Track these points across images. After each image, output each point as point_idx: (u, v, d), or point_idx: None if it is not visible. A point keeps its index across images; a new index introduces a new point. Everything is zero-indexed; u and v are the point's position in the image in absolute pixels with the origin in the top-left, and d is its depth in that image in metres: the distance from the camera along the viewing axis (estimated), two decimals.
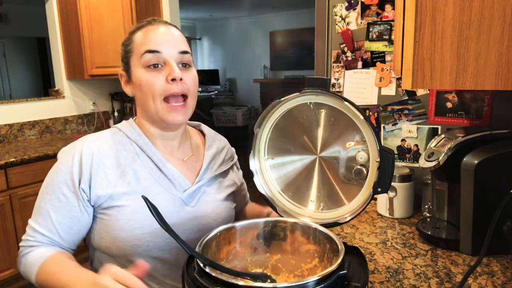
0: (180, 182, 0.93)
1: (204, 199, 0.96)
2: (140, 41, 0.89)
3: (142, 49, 0.88)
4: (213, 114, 7.05)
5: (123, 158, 0.90)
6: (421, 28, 0.74)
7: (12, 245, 2.59)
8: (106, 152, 0.89)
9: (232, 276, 0.64)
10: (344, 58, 1.60)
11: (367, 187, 0.81)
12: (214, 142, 1.08)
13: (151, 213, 0.65)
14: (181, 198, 0.92)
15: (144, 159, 0.92)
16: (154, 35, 0.89)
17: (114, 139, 0.93)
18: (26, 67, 7.32)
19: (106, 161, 0.88)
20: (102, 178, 0.87)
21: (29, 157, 2.60)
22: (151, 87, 0.87)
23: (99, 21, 3.16)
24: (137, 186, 0.88)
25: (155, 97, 0.87)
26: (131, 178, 0.88)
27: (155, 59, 0.87)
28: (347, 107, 0.79)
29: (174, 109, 0.89)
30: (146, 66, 0.88)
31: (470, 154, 1.05)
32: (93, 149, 0.88)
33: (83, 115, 3.61)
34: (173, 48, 0.89)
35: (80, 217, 0.88)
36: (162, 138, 0.96)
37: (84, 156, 0.87)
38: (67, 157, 0.88)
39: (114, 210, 0.86)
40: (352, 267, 0.68)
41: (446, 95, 1.39)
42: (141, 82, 0.88)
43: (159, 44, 0.88)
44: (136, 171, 0.89)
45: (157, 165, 0.92)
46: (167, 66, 0.88)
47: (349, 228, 1.28)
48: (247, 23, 7.98)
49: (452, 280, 0.95)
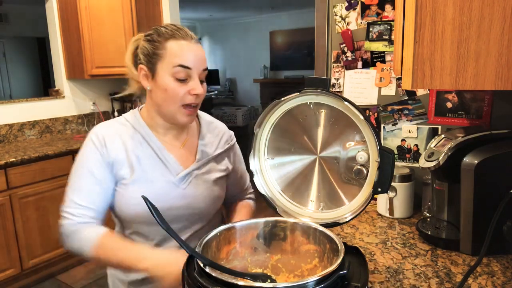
0: (174, 167, 1.06)
1: (195, 182, 1.08)
2: (174, 52, 0.98)
3: (175, 61, 0.98)
4: (213, 114, 7.04)
5: (129, 144, 1.05)
6: (421, 28, 0.74)
7: (12, 245, 2.59)
8: (115, 138, 1.04)
9: (232, 276, 0.64)
10: (344, 58, 1.59)
11: (367, 187, 0.81)
12: (208, 130, 1.17)
13: (151, 213, 0.65)
14: (173, 181, 1.05)
15: (145, 147, 1.06)
16: (188, 52, 0.99)
17: (122, 129, 1.07)
18: (26, 67, 7.32)
19: (116, 144, 1.04)
20: (114, 158, 1.02)
21: (29, 157, 2.60)
22: (175, 95, 0.99)
23: (99, 21, 3.16)
24: (138, 169, 1.03)
25: (175, 103, 1.00)
26: (134, 162, 1.03)
27: (185, 74, 0.99)
28: (347, 107, 0.79)
29: (189, 113, 1.02)
30: (175, 77, 0.98)
31: (470, 154, 1.05)
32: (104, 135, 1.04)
33: (83, 115, 3.61)
34: (201, 66, 1.01)
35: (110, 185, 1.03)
36: (164, 128, 1.08)
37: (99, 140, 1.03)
38: (88, 142, 1.04)
39: (121, 187, 1.03)
40: (352, 267, 0.68)
41: (446, 95, 1.39)
42: (167, 88, 0.99)
43: (191, 61, 0.99)
44: (138, 156, 1.04)
45: (156, 152, 1.06)
46: (192, 80, 1.00)
47: (349, 228, 1.28)
48: (247, 23, 7.98)
49: (452, 280, 0.95)
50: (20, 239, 2.63)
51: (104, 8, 3.14)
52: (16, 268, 2.63)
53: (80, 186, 1.01)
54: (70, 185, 1.03)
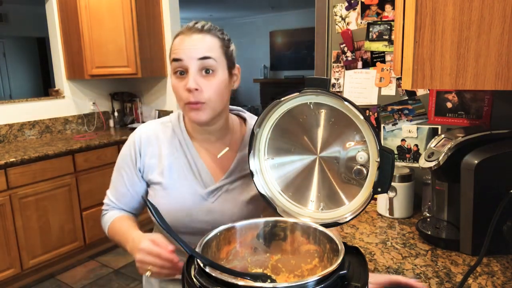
0: (205, 179, 1.02)
1: (224, 198, 1.02)
2: (172, 48, 0.96)
3: (172, 57, 0.95)
4: None
5: (165, 149, 1.03)
6: (421, 28, 0.74)
7: (12, 245, 2.59)
8: (153, 142, 1.04)
9: (232, 276, 0.64)
10: (344, 58, 1.59)
11: (367, 187, 0.81)
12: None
13: (151, 213, 0.65)
14: (201, 194, 1.01)
15: (180, 154, 1.03)
16: (179, 43, 0.94)
17: (162, 131, 1.06)
18: (26, 67, 7.32)
19: (150, 149, 1.04)
20: (146, 163, 1.03)
21: (29, 157, 2.60)
22: (177, 93, 0.96)
23: (99, 21, 3.16)
24: (168, 177, 1.02)
25: (180, 101, 0.97)
26: (165, 169, 1.02)
27: (179, 66, 0.93)
28: (347, 107, 0.79)
29: (192, 110, 0.95)
30: (174, 73, 0.95)
31: (470, 154, 1.05)
32: (143, 138, 1.04)
33: (83, 115, 3.61)
34: (194, 55, 0.92)
35: (139, 189, 1.06)
36: (199, 132, 1.04)
37: (137, 142, 1.04)
38: (128, 142, 1.06)
39: (152, 190, 1.04)
40: (352, 267, 0.68)
41: (446, 95, 1.39)
42: (172, 87, 0.97)
43: (181, 52, 0.92)
44: (171, 164, 1.02)
45: (189, 161, 1.02)
46: (188, 74, 0.93)
47: (349, 228, 1.28)
48: (247, 23, 7.98)
49: (452, 280, 0.95)
50: (20, 239, 2.63)
51: (104, 8, 3.15)
52: (16, 268, 2.63)
53: (113, 182, 1.09)
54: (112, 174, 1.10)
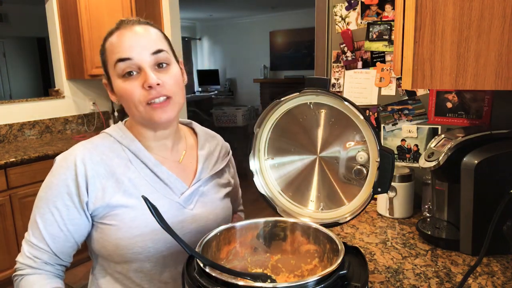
0: (177, 186, 0.92)
1: (202, 201, 0.96)
2: (111, 49, 0.86)
3: (114, 58, 0.85)
4: (213, 114, 7.04)
5: (117, 166, 0.88)
6: (421, 28, 0.74)
7: (12, 245, 2.59)
8: (98, 161, 0.87)
9: (232, 276, 0.64)
10: (344, 58, 1.59)
11: (367, 187, 0.81)
12: (206, 140, 1.05)
13: (151, 213, 0.65)
14: (178, 202, 0.91)
15: (138, 165, 0.90)
16: (123, 41, 0.84)
17: (105, 146, 0.90)
18: (26, 67, 7.32)
19: (99, 170, 0.86)
20: (98, 188, 0.85)
21: (29, 157, 2.60)
22: (131, 97, 0.85)
23: (99, 21, 3.16)
24: (134, 195, 0.87)
25: (136, 105, 0.85)
26: (127, 186, 0.87)
27: (129, 67, 0.84)
28: (347, 107, 0.79)
29: (157, 108, 0.85)
30: (121, 76, 0.85)
31: (470, 154, 1.05)
32: (86, 159, 0.86)
33: (83, 115, 3.61)
34: (144, 50, 0.84)
35: (77, 229, 0.87)
36: (155, 139, 0.93)
37: (78, 167, 0.85)
38: (60, 170, 0.86)
39: (114, 219, 0.86)
40: (352, 267, 0.68)
41: (446, 95, 1.39)
42: (121, 93, 0.86)
43: (129, 49, 0.83)
44: (131, 178, 0.88)
45: (152, 170, 0.90)
46: (142, 72, 0.84)
47: (349, 228, 1.28)
48: (247, 23, 7.98)
49: (452, 280, 0.95)
50: (20, 239, 2.62)
51: (104, 8, 3.14)
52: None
53: (38, 221, 0.85)
54: (34, 212, 0.87)
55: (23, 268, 0.86)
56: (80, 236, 0.89)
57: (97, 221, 0.88)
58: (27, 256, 0.86)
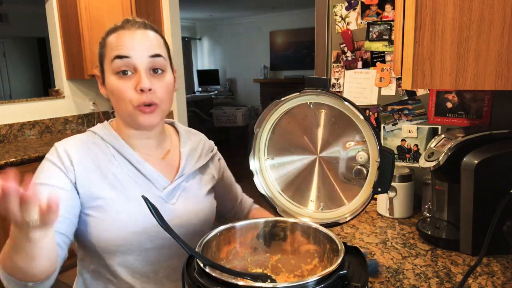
0: (159, 181, 0.93)
1: (185, 196, 0.97)
2: (112, 45, 0.87)
3: (112, 54, 0.86)
4: (213, 114, 7.05)
5: (101, 161, 0.90)
6: (421, 28, 0.74)
7: None
8: (83, 153, 0.89)
9: (232, 276, 0.64)
10: (344, 58, 1.59)
11: (367, 187, 0.81)
12: (188, 138, 1.07)
13: (151, 213, 0.64)
14: (160, 196, 0.93)
15: (121, 161, 0.92)
16: (125, 39, 0.86)
17: (90, 142, 0.92)
18: (26, 67, 7.32)
19: (85, 161, 0.88)
20: (84, 177, 0.87)
21: (29, 157, 2.60)
22: (122, 96, 0.86)
23: (99, 21, 3.16)
24: (118, 188, 0.89)
25: (126, 105, 0.87)
26: (111, 180, 0.89)
27: (124, 65, 0.85)
28: (347, 107, 0.79)
29: (145, 113, 0.87)
30: (116, 73, 0.86)
31: (470, 154, 1.05)
32: (71, 149, 0.88)
33: (83, 115, 3.61)
34: (143, 52, 0.86)
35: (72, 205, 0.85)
36: (138, 138, 0.95)
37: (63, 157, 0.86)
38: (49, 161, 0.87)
39: (98, 211, 0.87)
40: (352, 267, 0.68)
41: (446, 95, 1.39)
42: (112, 89, 0.87)
43: (129, 48, 0.85)
44: (115, 173, 0.90)
45: (135, 166, 0.92)
46: (137, 73, 0.86)
47: (349, 228, 1.28)
48: (247, 23, 7.98)
49: (452, 280, 0.95)
50: None
51: (104, 8, 3.14)
52: None
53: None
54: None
55: None
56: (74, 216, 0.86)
57: (83, 211, 0.88)
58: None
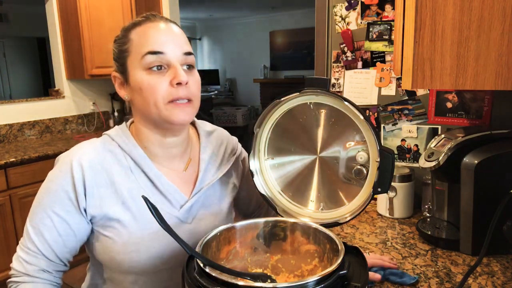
0: (176, 197, 0.88)
1: (203, 213, 0.92)
2: (139, 40, 0.82)
3: (143, 50, 0.81)
4: (213, 114, 7.04)
5: (117, 174, 0.84)
6: (421, 28, 0.74)
7: (12, 245, 2.59)
8: (98, 168, 0.83)
9: (232, 276, 0.64)
10: (344, 58, 1.59)
11: (367, 187, 0.81)
12: (209, 141, 0.99)
13: (151, 213, 0.64)
14: (177, 216, 0.87)
15: (138, 175, 0.86)
16: (156, 34, 0.81)
17: (106, 150, 0.86)
18: (26, 67, 7.32)
19: (98, 178, 0.83)
20: (96, 197, 0.82)
21: (29, 157, 2.60)
22: (154, 91, 0.80)
23: (99, 21, 3.16)
24: (132, 210, 0.84)
25: (157, 101, 0.80)
26: (125, 197, 0.83)
27: (158, 60, 0.80)
28: (347, 107, 0.79)
29: (179, 107, 0.81)
30: (147, 68, 0.80)
31: (470, 154, 1.05)
32: (85, 166, 0.82)
33: (83, 115, 3.61)
34: (178, 48, 0.82)
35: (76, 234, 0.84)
36: (162, 146, 0.88)
37: (77, 174, 0.81)
38: (59, 175, 0.83)
39: (111, 231, 0.83)
40: (352, 267, 0.68)
41: (446, 95, 1.39)
42: (141, 85, 0.81)
43: (162, 44, 0.81)
44: (130, 189, 0.84)
45: (152, 181, 0.86)
46: (171, 68, 0.81)
47: (349, 228, 1.28)
48: (247, 23, 7.98)
49: (452, 280, 0.95)
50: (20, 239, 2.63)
51: (104, 8, 3.15)
52: None
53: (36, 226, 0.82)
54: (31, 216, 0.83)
55: (19, 275, 0.83)
56: (79, 241, 0.86)
57: (95, 228, 0.86)
58: (23, 262, 0.83)
